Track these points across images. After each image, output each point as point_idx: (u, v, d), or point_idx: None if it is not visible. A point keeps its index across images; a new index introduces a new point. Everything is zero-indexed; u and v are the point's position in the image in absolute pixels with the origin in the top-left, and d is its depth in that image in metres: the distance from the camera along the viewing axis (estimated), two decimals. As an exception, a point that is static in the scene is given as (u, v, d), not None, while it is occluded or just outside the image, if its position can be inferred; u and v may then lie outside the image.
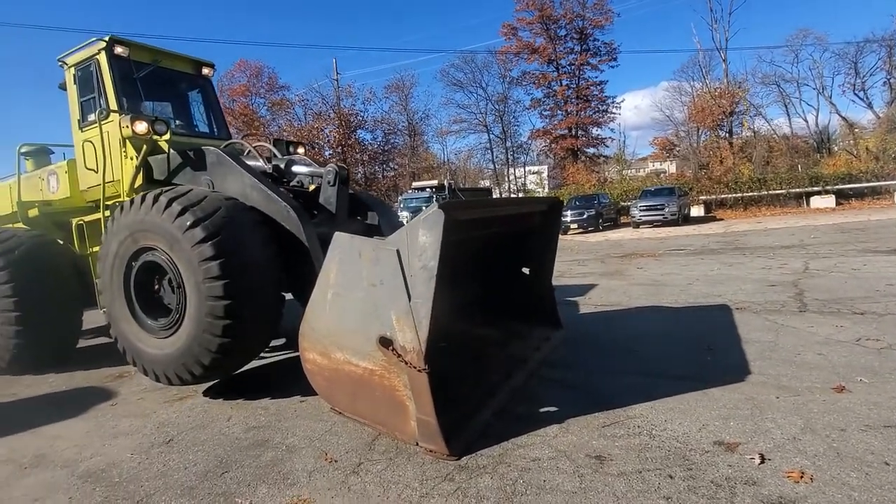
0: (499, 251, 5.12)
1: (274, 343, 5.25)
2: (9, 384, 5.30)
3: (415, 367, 2.83)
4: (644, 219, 22.47)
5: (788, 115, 37.33)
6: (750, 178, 28.28)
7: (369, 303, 3.01)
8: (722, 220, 24.85)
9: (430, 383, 2.83)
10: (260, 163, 5.10)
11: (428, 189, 24.18)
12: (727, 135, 35.37)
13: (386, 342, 2.94)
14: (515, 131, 46.38)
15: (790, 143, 33.63)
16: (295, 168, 5.04)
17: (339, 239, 3.18)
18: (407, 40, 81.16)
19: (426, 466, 2.85)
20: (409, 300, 2.82)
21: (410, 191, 26.27)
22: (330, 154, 34.93)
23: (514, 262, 5.22)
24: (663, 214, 21.91)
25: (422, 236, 2.78)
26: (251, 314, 3.88)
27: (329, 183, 4.61)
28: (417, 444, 2.98)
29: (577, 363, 4.48)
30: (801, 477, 2.45)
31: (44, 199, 5.90)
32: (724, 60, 35.70)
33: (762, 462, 2.61)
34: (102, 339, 4.64)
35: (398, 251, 2.87)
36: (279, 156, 5.24)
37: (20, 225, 5.84)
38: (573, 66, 40.23)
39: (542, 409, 3.51)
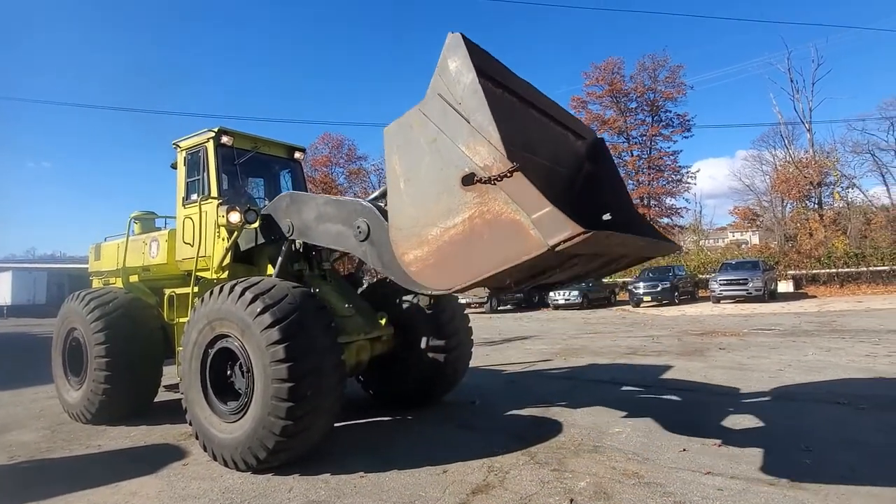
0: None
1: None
2: (96, 435, 5.60)
3: (506, 175, 2.67)
4: (725, 293, 21.20)
5: (886, 184, 34.72)
6: (846, 253, 26.09)
7: (438, 158, 2.96)
8: (815, 297, 22.91)
9: (526, 176, 2.65)
10: None
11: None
12: (816, 206, 33.22)
13: (468, 179, 2.83)
14: (584, 201, 46.13)
15: (890, 215, 30.91)
16: None
17: (388, 131, 3.21)
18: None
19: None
20: (469, 122, 2.83)
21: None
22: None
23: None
24: (747, 289, 20.58)
25: (451, 65, 2.88)
26: (314, 396, 3.99)
27: None
28: (550, 249, 2.55)
29: (656, 457, 4.13)
30: None
31: (143, 264, 6.52)
32: (808, 130, 34.24)
33: None
34: (179, 395, 4.87)
35: (439, 94, 2.94)
36: None
37: (120, 283, 6.43)
38: (644, 137, 40.16)
39: (614, 508, 3.23)
